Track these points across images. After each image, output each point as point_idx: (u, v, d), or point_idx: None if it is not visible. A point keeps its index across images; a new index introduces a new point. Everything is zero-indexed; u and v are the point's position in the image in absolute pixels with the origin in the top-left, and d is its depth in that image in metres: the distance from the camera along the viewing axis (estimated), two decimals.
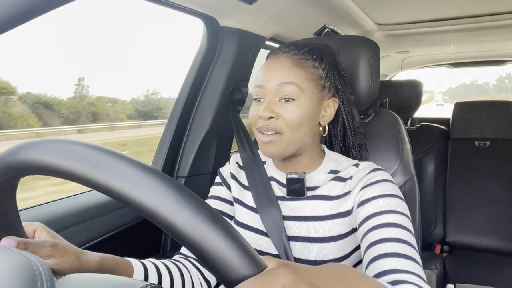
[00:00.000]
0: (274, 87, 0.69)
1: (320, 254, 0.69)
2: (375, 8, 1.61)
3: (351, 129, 0.79)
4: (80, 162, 0.31)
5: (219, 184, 0.84)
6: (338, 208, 0.71)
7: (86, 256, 0.52)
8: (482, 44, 2.31)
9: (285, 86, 0.68)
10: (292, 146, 0.70)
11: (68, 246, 0.50)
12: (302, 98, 0.69)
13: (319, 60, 0.73)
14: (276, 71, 0.70)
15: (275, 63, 0.71)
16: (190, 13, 1.09)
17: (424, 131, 2.16)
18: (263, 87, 0.70)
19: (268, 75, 0.70)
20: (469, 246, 1.90)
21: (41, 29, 14.77)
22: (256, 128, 0.72)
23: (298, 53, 0.72)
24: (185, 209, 0.29)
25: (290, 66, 0.70)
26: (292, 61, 0.71)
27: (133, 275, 0.60)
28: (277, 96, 0.69)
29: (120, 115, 12.02)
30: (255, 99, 0.73)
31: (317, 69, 0.72)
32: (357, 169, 0.73)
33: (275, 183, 0.79)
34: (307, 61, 0.72)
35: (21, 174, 0.36)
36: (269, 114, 0.67)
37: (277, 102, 0.69)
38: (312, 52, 0.73)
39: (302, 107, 0.68)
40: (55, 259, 0.48)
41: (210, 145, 1.27)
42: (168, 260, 0.71)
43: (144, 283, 0.29)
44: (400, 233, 0.60)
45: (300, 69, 0.70)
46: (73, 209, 0.92)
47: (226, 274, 0.30)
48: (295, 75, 0.69)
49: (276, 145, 0.69)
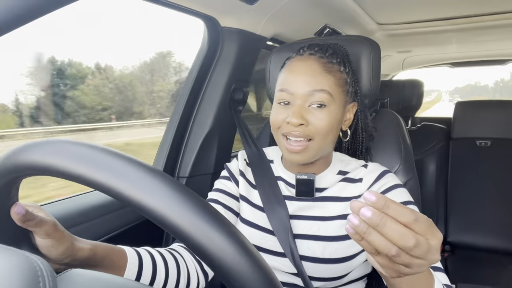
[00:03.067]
0: (305, 93, 0.67)
1: (326, 252, 0.69)
2: (376, 8, 1.61)
3: (365, 132, 0.79)
4: (81, 162, 0.31)
5: (227, 178, 0.83)
6: (347, 210, 0.71)
7: (79, 243, 0.51)
8: (483, 44, 2.30)
9: (317, 93, 0.66)
10: (320, 153, 0.70)
11: (65, 230, 0.50)
12: (333, 105, 0.67)
13: (343, 64, 0.72)
14: (307, 76, 0.68)
15: (304, 67, 0.69)
16: (191, 14, 1.09)
17: (425, 130, 2.16)
18: (292, 92, 0.68)
19: (297, 80, 0.68)
20: (471, 246, 1.90)
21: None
22: (280, 132, 0.70)
23: (324, 56, 0.71)
24: (198, 220, 0.29)
25: (320, 71, 0.68)
26: (321, 65, 0.69)
27: (127, 263, 0.59)
28: (306, 102, 0.67)
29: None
30: (280, 102, 0.70)
31: (343, 74, 0.71)
32: (366, 171, 0.73)
33: (283, 183, 0.78)
34: (334, 65, 0.70)
35: (23, 175, 0.36)
36: (300, 121, 0.65)
37: (306, 108, 0.67)
38: (336, 55, 0.72)
39: (332, 114, 0.67)
40: (52, 240, 0.48)
41: (211, 145, 1.27)
42: (164, 249, 0.69)
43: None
44: None
45: (330, 74, 0.68)
46: (75, 209, 0.92)
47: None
48: (326, 81, 0.67)
49: (306, 153, 0.68)
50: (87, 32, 9.51)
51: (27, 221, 0.44)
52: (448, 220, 1.97)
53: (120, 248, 0.59)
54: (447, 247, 1.95)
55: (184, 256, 0.71)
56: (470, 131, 2.06)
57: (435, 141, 2.11)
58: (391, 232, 0.35)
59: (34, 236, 0.48)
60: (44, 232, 0.47)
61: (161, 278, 0.63)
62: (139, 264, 0.61)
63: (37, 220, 0.45)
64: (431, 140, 2.11)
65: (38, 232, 0.47)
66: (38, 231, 0.47)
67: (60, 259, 0.49)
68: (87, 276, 0.32)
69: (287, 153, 0.69)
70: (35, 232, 0.47)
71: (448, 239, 1.94)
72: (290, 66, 0.71)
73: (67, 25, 6.87)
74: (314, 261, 0.69)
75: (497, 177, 1.93)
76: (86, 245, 0.52)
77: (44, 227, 0.46)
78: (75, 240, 0.51)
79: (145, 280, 0.61)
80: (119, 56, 10.66)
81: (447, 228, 1.96)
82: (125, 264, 0.58)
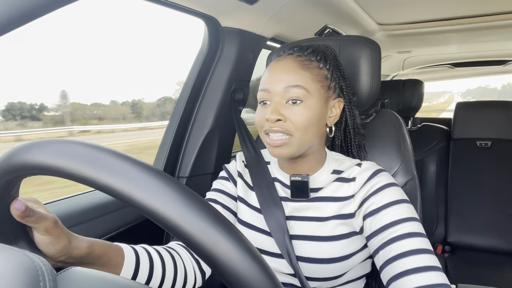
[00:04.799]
0: (281, 90, 0.68)
1: (322, 252, 0.69)
2: (376, 8, 1.61)
3: (353, 129, 0.79)
4: (82, 162, 0.31)
5: (226, 179, 0.84)
6: (342, 210, 0.71)
7: (76, 241, 0.51)
8: (483, 44, 2.30)
9: (292, 89, 0.68)
10: (303, 148, 0.70)
11: (64, 228, 0.50)
12: (309, 99, 0.68)
13: (323, 61, 0.73)
14: (282, 74, 0.69)
15: (280, 66, 0.71)
16: (191, 14, 1.09)
17: (426, 131, 2.16)
18: (269, 91, 0.70)
19: (273, 78, 0.70)
20: (471, 246, 1.90)
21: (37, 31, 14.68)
22: (263, 130, 0.71)
23: (302, 55, 0.72)
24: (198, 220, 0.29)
25: (295, 68, 0.69)
26: (297, 62, 0.70)
27: (124, 261, 0.58)
28: (284, 99, 0.69)
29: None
30: (261, 102, 0.72)
31: (322, 70, 0.72)
32: (360, 169, 0.73)
33: (279, 184, 0.79)
34: (312, 62, 0.71)
35: (23, 175, 0.36)
36: (277, 117, 0.67)
37: (284, 105, 0.69)
38: (316, 53, 0.73)
39: (310, 109, 0.68)
40: (51, 237, 0.47)
41: (211, 145, 1.27)
42: (161, 247, 0.69)
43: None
44: (416, 242, 0.60)
45: (306, 70, 0.70)
46: (75, 209, 0.92)
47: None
48: (301, 77, 0.69)
49: (287, 147, 0.69)
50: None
51: (26, 217, 0.44)
52: (448, 221, 1.97)
53: (117, 246, 0.59)
54: (447, 247, 1.95)
55: (181, 254, 0.71)
56: (470, 132, 2.06)
57: (435, 141, 2.11)
58: None
59: (33, 232, 0.48)
60: (43, 228, 0.46)
61: (158, 276, 0.63)
62: (136, 262, 0.61)
63: (36, 216, 0.45)
64: (431, 141, 2.11)
65: (38, 228, 0.46)
66: (38, 227, 0.46)
67: (56, 256, 0.49)
68: (87, 274, 0.32)
69: (270, 148, 0.70)
70: (34, 228, 0.47)
71: (448, 239, 1.94)
72: (269, 67, 0.73)
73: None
74: (310, 261, 0.69)
75: (497, 178, 1.93)
76: (83, 243, 0.52)
77: (43, 223, 0.46)
78: (72, 238, 0.51)
79: (142, 278, 0.61)
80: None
81: (447, 228, 1.96)
82: (122, 262, 0.58)
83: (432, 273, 0.57)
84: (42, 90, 20.20)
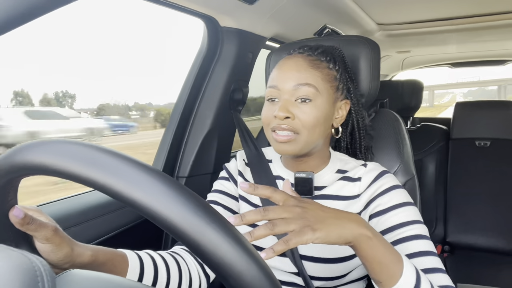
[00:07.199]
0: (291, 88, 0.68)
1: (326, 251, 0.69)
2: (375, 8, 1.61)
3: (360, 131, 0.79)
4: (81, 162, 0.31)
5: (226, 179, 0.84)
6: (346, 209, 0.71)
7: (79, 249, 0.51)
8: (482, 44, 2.30)
9: (302, 87, 0.68)
10: (308, 146, 0.70)
11: (66, 236, 0.50)
12: (319, 99, 0.69)
13: (333, 61, 0.73)
14: (292, 72, 0.69)
15: (291, 64, 0.71)
16: (191, 14, 1.09)
17: (425, 131, 2.16)
18: (278, 88, 0.70)
19: (283, 76, 0.70)
20: (470, 246, 1.90)
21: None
22: (270, 127, 0.71)
23: (313, 54, 0.72)
24: (196, 220, 0.29)
25: (306, 67, 0.69)
26: (308, 61, 0.70)
27: (128, 268, 0.58)
28: (293, 97, 0.69)
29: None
30: (269, 99, 0.72)
31: (331, 71, 0.72)
32: (365, 170, 0.73)
33: (282, 182, 0.79)
34: (322, 62, 0.72)
35: (22, 175, 0.36)
36: (285, 114, 0.67)
37: (293, 103, 0.69)
38: (326, 54, 0.73)
39: (318, 108, 0.68)
40: (52, 246, 0.47)
41: (210, 145, 1.27)
42: (165, 252, 0.69)
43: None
44: (422, 245, 0.61)
45: (316, 69, 0.70)
46: (74, 209, 0.92)
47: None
48: (312, 76, 0.69)
49: (293, 144, 0.69)
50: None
51: (26, 225, 0.43)
52: (448, 220, 1.97)
53: (121, 252, 0.59)
54: (446, 247, 1.95)
55: (185, 258, 0.71)
56: (469, 132, 2.06)
57: (434, 141, 2.11)
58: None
59: (34, 241, 0.47)
60: (44, 236, 0.46)
61: (162, 281, 0.63)
62: (140, 268, 0.60)
63: (36, 224, 0.44)
64: (430, 140, 2.11)
65: (38, 236, 0.46)
66: (38, 235, 0.46)
67: (59, 264, 0.49)
68: (86, 276, 0.32)
69: (276, 145, 0.70)
70: (34, 236, 0.46)
71: (447, 239, 1.94)
72: (279, 65, 0.73)
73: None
74: (314, 260, 0.69)
75: (496, 177, 1.93)
76: (87, 250, 0.52)
77: (43, 231, 0.45)
78: (75, 246, 0.51)
79: (147, 283, 0.61)
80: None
81: (447, 228, 1.96)
82: (126, 268, 0.58)
83: (437, 275, 0.57)
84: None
